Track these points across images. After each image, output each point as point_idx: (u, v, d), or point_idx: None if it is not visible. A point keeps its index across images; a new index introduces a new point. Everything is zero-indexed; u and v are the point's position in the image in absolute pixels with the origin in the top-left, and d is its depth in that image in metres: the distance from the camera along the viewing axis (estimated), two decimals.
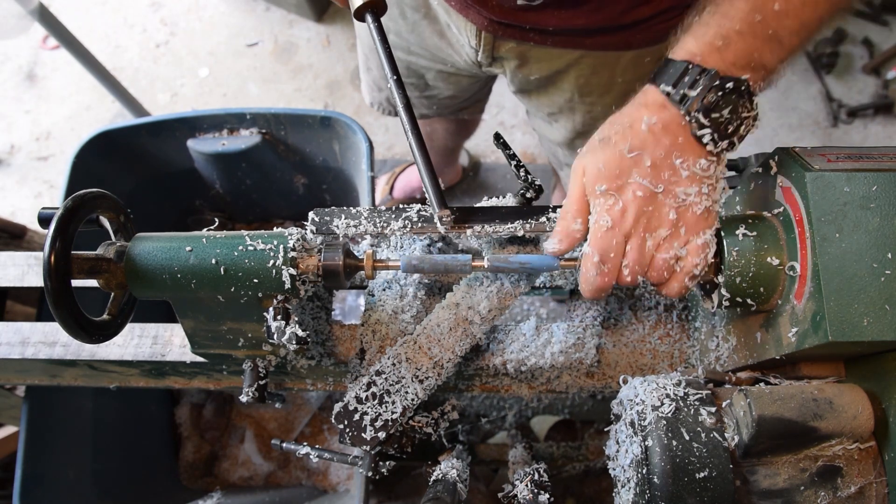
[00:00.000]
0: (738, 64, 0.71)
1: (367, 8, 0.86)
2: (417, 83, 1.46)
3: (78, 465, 1.52)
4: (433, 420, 0.94)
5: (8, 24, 2.04)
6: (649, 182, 0.70)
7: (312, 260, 0.82)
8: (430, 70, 1.39)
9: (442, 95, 1.49)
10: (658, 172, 0.71)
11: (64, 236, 0.71)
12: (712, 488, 0.67)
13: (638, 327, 1.03)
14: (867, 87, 2.68)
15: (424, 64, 1.37)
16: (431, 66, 1.37)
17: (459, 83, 1.43)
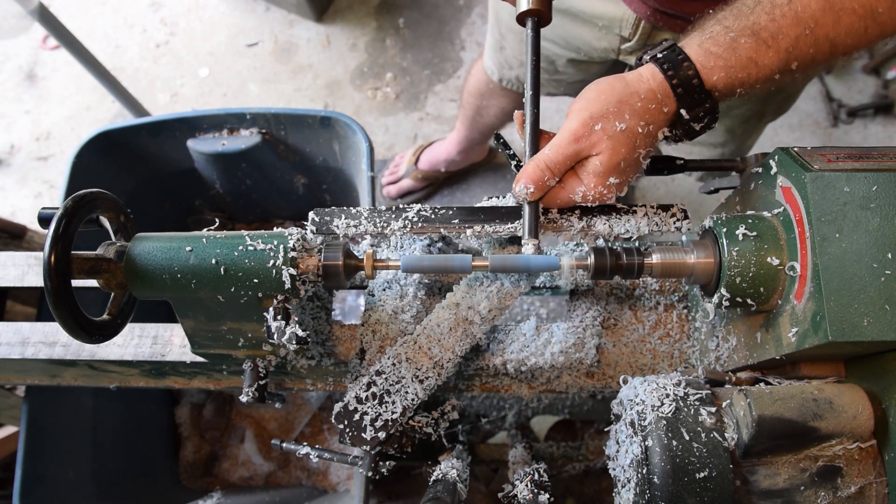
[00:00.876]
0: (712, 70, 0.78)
1: (529, 15, 0.85)
2: (547, 68, 1.49)
3: (78, 465, 1.52)
4: (433, 420, 0.94)
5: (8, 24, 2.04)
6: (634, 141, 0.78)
7: (312, 260, 0.82)
8: (562, 57, 1.42)
9: (570, 80, 1.52)
10: (645, 137, 0.79)
11: (64, 236, 0.71)
12: (712, 488, 0.67)
13: (638, 327, 1.03)
14: (867, 87, 2.68)
15: (557, 51, 1.40)
16: (563, 54, 1.40)
17: (589, 69, 1.46)
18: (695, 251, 0.78)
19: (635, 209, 0.89)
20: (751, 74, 0.76)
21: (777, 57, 0.75)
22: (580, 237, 1.00)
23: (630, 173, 0.81)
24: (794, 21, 0.74)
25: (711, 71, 0.76)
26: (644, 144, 0.79)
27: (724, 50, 0.76)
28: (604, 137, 0.77)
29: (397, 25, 2.85)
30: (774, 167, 0.74)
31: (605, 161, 0.78)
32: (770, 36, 0.74)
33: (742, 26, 0.76)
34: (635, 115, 0.77)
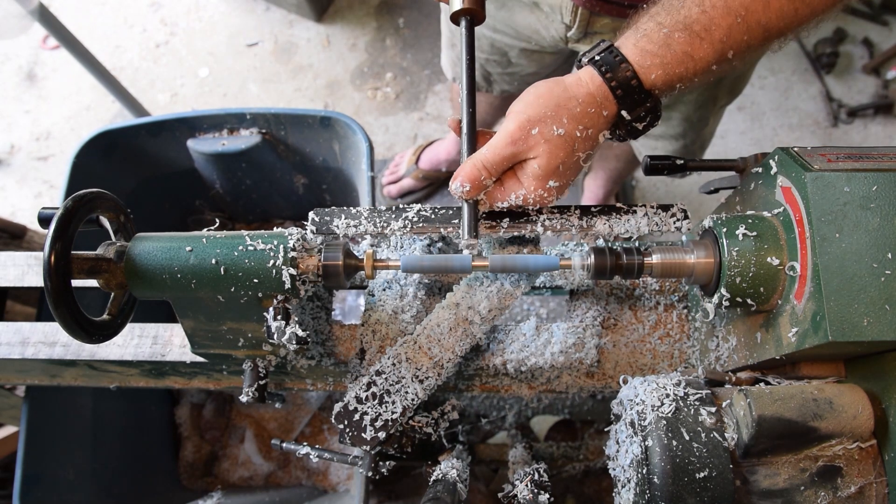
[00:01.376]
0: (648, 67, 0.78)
1: (463, 14, 0.86)
2: (500, 60, 1.49)
3: (78, 465, 1.52)
4: (433, 420, 0.94)
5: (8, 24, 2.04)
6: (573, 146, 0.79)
7: (312, 260, 0.82)
8: (514, 48, 1.42)
9: (524, 72, 1.52)
10: (584, 141, 0.79)
11: (64, 236, 0.71)
12: (712, 488, 0.67)
13: (638, 327, 1.03)
14: (867, 87, 2.68)
15: (508, 42, 1.40)
16: (515, 44, 1.41)
17: (542, 60, 1.46)
18: (695, 251, 0.78)
19: (635, 209, 0.89)
20: (688, 69, 0.76)
21: (712, 49, 0.75)
22: (580, 237, 1.00)
23: (570, 176, 0.81)
24: (725, 11, 0.74)
25: (649, 70, 0.76)
26: (583, 148, 0.79)
27: (660, 47, 0.76)
28: (541, 141, 0.77)
29: (397, 25, 2.85)
30: (774, 167, 0.74)
31: (543, 165, 0.78)
32: (703, 28, 0.75)
33: (674, 21, 0.76)
34: (574, 120, 0.77)
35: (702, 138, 1.61)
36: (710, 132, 1.63)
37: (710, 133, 1.64)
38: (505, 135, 0.78)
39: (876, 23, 2.75)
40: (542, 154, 0.77)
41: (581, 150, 0.79)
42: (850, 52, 2.73)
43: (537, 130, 0.77)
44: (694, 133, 1.56)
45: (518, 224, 0.88)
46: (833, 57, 2.66)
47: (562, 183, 0.81)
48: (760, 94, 2.70)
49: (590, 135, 0.78)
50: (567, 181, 0.82)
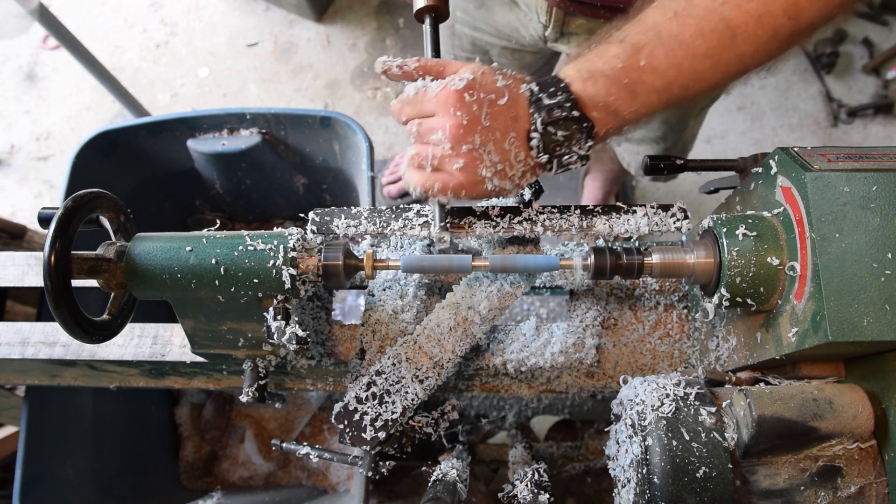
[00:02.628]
0: (594, 100, 0.76)
1: (427, 11, 0.86)
2: (482, 59, 1.49)
3: (78, 465, 1.52)
4: (433, 420, 0.94)
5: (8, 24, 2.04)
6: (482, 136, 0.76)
7: (312, 260, 0.82)
8: (495, 46, 1.42)
9: None
10: (491, 132, 0.76)
11: (64, 236, 0.71)
12: (712, 488, 0.67)
13: (638, 327, 1.03)
14: (867, 87, 2.68)
15: (489, 40, 1.40)
16: (496, 42, 1.41)
17: (523, 59, 1.46)
18: (695, 251, 0.78)
19: (635, 209, 0.89)
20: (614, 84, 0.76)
21: (657, 98, 0.76)
22: (580, 237, 1.00)
23: (476, 146, 0.78)
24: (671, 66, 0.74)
25: (567, 70, 0.77)
26: (491, 123, 0.77)
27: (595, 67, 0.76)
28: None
29: (397, 25, 2.85)
30: (774, 167, 0.74)
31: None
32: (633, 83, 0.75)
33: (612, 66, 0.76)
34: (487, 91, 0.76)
35: (683, 140, 1.61)
36: (692, 134, 1.64)
37: (692, 135, 1.64)
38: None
39: (876, 23, 2.75)
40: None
41: (488, 126, 0.76)
42: (850, 52, 2.73)
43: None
44: (675, 136, 1.56)
45: (518, 224, 0.88)
46: (833, 57, 2.66)
47: (466, 148, 0.77)
48: (760, 94, 2.70)
49: (493, 112, 0.76)
50: (473, 154, 0.77)
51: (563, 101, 0.75)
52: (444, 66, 0.80)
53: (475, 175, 0.78)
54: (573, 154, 0.77)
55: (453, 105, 0.75)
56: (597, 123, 0.77)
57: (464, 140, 0.75)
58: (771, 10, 0.71)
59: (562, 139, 0.76)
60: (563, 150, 0.77)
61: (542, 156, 0.77)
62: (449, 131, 0.75)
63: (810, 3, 0.71)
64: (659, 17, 0.75)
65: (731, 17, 0.72)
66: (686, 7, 0.73)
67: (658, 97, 0.76)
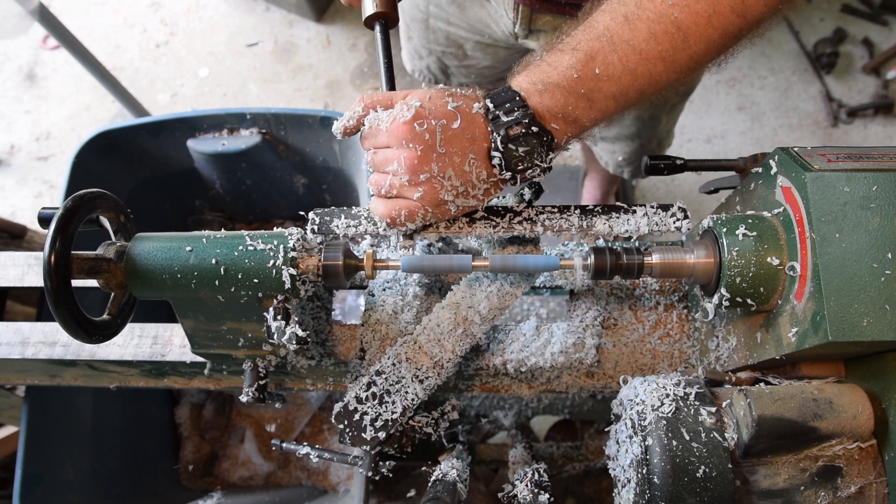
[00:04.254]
0: (552, 111, 0.76)
1: (377, 18, 0.86)
2: (456, 53, 1.49)
3: (78, 465, 1.52)
4: (433, 420, 0.94)
5: (8, 24, 2.04)
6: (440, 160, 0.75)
7: (312, 260, 0.82)
8: (469, 41, 1.42)
9: (480, 66, 1.52)
10: (448, 157, 0.76)
11: (64, 236, 0.71)
12: (712, 488, 0.67)
13: (638, 327, 1.03)
14: (867, 87, 2.68)
15: (463, 34, 1.41)
16: (469, 37, 1.41)
17: (497, 54, 1.46)
18: (695, 251, 0.78)
19: (635, 209, 0.89)
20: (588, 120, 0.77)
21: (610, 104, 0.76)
22: (580, 237, 1.00)
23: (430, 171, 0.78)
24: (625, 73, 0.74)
25: (518, 78, 0.77)
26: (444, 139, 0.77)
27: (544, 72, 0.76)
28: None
29: None
30: (774, 167, 0.74)
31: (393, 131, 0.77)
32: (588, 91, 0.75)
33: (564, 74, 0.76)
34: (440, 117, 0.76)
35: (658, 136, 1.61)
36: (667, 130, 1.64)
37: (667, 131, 1.64)
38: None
39: (876, 23, 2.76)
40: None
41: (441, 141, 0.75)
42: (850, 52, 2.73)
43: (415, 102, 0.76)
44: (648, 132, 1.56)
45: (518, 224, 0.88)
46: (833, 57, 2.66)
47: (421, 174, 0.76)
48: (760, 94, 2.70)
49: (446, 126, 0.75)
50: (431, 179, 0.77)
51: (521, 116, 0.75)
52: (390, 97, 0.80)
53: (437, 200, 0.78)
54: (535, 167, 0.77)
55: (404, 137, 0.75)
56: (556, 135, 0.77)
57: (420, 170, 0.75)
58: (719, 10, 0.71)
59: (523, 154, 0.76)
60: (526, 164, 0.77)
61: (506, 173, 0.77)
62: (404, 163, 0.75)
63: (756, 1, 0.72)
64: (609, 21, 0.74)
65: (682, 19, 0.72)
66: (636, 11, 0.73)
67: (615, 102, 0.76)
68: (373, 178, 0.81)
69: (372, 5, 0.86)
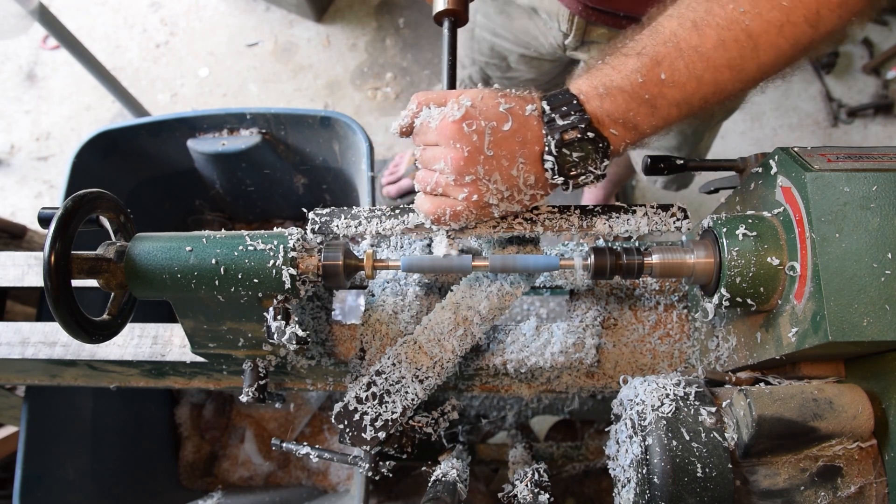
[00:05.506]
0: (612, 116, 0.74)
1: (446, 15, 0.86)
2: (500, 65, 1.49)
3: (78, 465, 1.52)
4: (433, 420, 0.94)
5: (8, 24, 2.04)
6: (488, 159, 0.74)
7: (312, 260, 0.82)
8: (513, 52, 1.42)
9: (523, 78, 1.52)
10: (496, 160, 0.74)
11: (64, 236, 0.71)
12: (712, 488, 0.67)
13: (638, 327, 1.03)
14: (867, 87, 2.68)
15: (508, 46, 1.40)
16: (514, 49, 1.40)
17: (541, 67, 1.46)
18: (695, 251, 0.78)
19: (635, 209, 0.89)
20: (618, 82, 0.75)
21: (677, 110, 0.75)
22: (580, 237, 1.00)
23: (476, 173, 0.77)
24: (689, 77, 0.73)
25: (580, 84, 0.76)
26: (493, 142, 0.76)
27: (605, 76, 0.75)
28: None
29: (397, 25, 2.85)
30: (774, 167, 0.74)
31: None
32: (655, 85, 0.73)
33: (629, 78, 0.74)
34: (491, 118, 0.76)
35: (697, 152, 1.61)
36: (706, 146, 1.64)
37: (706, 148, 1.65)
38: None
39: (876, 23, 2.75)
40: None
41: (490, 143, 0.74)
42: (850, 52, 2.73)
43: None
44: (689, 147, 1.56)
45: (518, 224, 0.88)
46: (833, 57, 2.66)
47: (468, 175, 0.75)
48: (760, 94, 2.70)
49: (496, 128, 0.74)
50: (476, 182, 0.76)
51: (577, 121, 0.73)
52: (444, 95, 0.80)
53: (481, 202, 0.77)
54: (589, 174, 0.76)
55: (452, 136, 0.74)
56: (613, 141, 0.75)
57: (466, 171, 0.74)
58: (792, 20, 0.70)
59: (577, 160, 0.74)
60: (579, 170, 0.75)
61: (558, 178, 0.76)
62: (451, 163, 0.75)
63: (830, 12, 0.70)
64: (676, 27, 0.73)
65: (753, 27, 0.70)
66: (705, 17, 0.71)
67: (678, 110, 0.74)
68: (420, 175, 0.81)
69: (443, 2, 0.85)
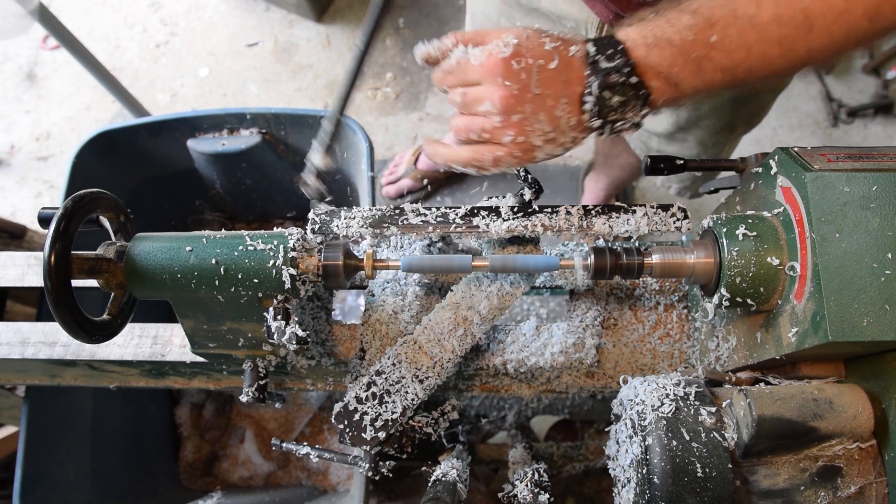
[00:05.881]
0: (656, 68, 0.73)
1: None
2: None
3: (78, 465, 1.52)
4: (433, 420, 0.94)
5: (8, 24, 2.04)
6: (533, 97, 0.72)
7: (312, 260, 0.82)
8: None
9: None
10: (542, 99, 0.73)
11: (64, 236, 0.71)
12: (712, 488, 0.67)
13: (638, 327, 1.03)
14: (867, 87, 2.67)
15: None
16: None
17: None
18: (695, 251, 0.78)
19: (635, 209, 0.89)
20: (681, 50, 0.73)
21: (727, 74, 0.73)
22: (580, 237, 1.00)
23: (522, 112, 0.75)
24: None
25: (627, 31, 0.75)
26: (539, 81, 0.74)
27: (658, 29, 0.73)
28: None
29: (397, 25, 2.85)
30: (774, 167, 0.74)
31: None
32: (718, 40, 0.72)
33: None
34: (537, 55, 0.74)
35: None
36: (726, 157, 1.63)
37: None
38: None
39: None
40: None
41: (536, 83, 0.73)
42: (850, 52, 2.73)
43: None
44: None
45: (518, 224, 0.88)
46: None
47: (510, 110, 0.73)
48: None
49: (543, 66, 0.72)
50: (517, 119, 0.74)
51: (622, 65, 0.72)
52: (484, 34, 0.77)
53: (527, 144, 0.75)
54: (627, 121, 0.75)
55: (501, 74, 0.72)
56: (654, 92, 0.74)
57: (514, 110, 0.72)
58: (852, 9, 0.68)
59: (617, 105, 0.73)
60: (617, 115, 0.74)
61: (596, 120, 0.75)
62: (498, 102, 0.72)
63: (892, 9, 0.68)
64: None
65: (812, 8, 0.69)
66: None
67: (722, 76, 0.73)
68: (460, 122, 0.77)
69: None
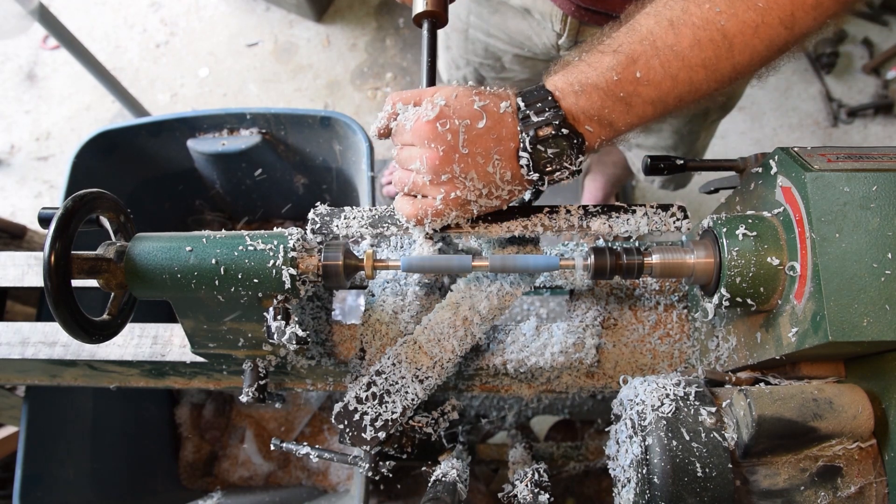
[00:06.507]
0: (587, 113, 0.75)
1: (426, 16, 0.86)
2: (494, 65, 1.49)
3: (78, 465, 1.52)
4: (433, 420, 0.94)
5: (8, 24, 2.04)
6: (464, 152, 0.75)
7: (312, 260, 0.82)
8: (507, 53, 1.42)
9: (517, 78, 1.52)
10: (471, 157, 0.75)
11: (64, 236, 0.71)
12: (712, 488, 0.67)
13: (638, 327, 1.03)
14: (867, 87, 2.68)
15: (502, 47, 1.40)
16: (508, 49, 1.40)
17: (535, 67, 1.46)
18: (695, 251, 0.78)
19: (635, 209, 0.89)
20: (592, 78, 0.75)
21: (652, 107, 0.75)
22: (580, 237, 1.00)
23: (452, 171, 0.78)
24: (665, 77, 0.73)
25: (554, 79, 0.77)
26: (468, 140, 0.76)
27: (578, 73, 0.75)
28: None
29: (397, 25, 2.85)
30: (774, 167, 0.74)
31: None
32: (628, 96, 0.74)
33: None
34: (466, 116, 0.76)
35: (694, 151, 1.62)
36: (703, 146, 1.64)
37: (703, 146, 1.65)
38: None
39: (876, 23, 2.75)
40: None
41: (464, 142, 0.75)
42: (850, 52, 2.73)
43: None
44: (685, 146, 1.56)
45: (518, 224, 0.88)
46: (833, 57, 2.66)
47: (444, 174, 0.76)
48: (760, 94, 2.70)
49: (471, 126, 0.74)
50: (452, 182, 0.77)
51: (552, 117, 0.74)
52: (419, 94, 0.80)
53: (460, 200, 0.78)
54: (564, 169, 0.77)
55: (426, 136, 0.74)
56: (589, 137, 0.76)
57: (442, 170, 0.75)
58: (768, 21, 0.70)
59: (552, 156, 0.75)
60: (554, 166, 0.76)
61: (533, 174, 0.77)
62: (427, 162, 0.75)
63: (805, 14, 0.70)
64: (653, 25, 0.73)
65: (728, 28, 0.71)
66: (682, 16, 0.72)
67: (653, 108, 0.75)
68: (397, 176, 0.81)
69: (423, 3, 0.86)
